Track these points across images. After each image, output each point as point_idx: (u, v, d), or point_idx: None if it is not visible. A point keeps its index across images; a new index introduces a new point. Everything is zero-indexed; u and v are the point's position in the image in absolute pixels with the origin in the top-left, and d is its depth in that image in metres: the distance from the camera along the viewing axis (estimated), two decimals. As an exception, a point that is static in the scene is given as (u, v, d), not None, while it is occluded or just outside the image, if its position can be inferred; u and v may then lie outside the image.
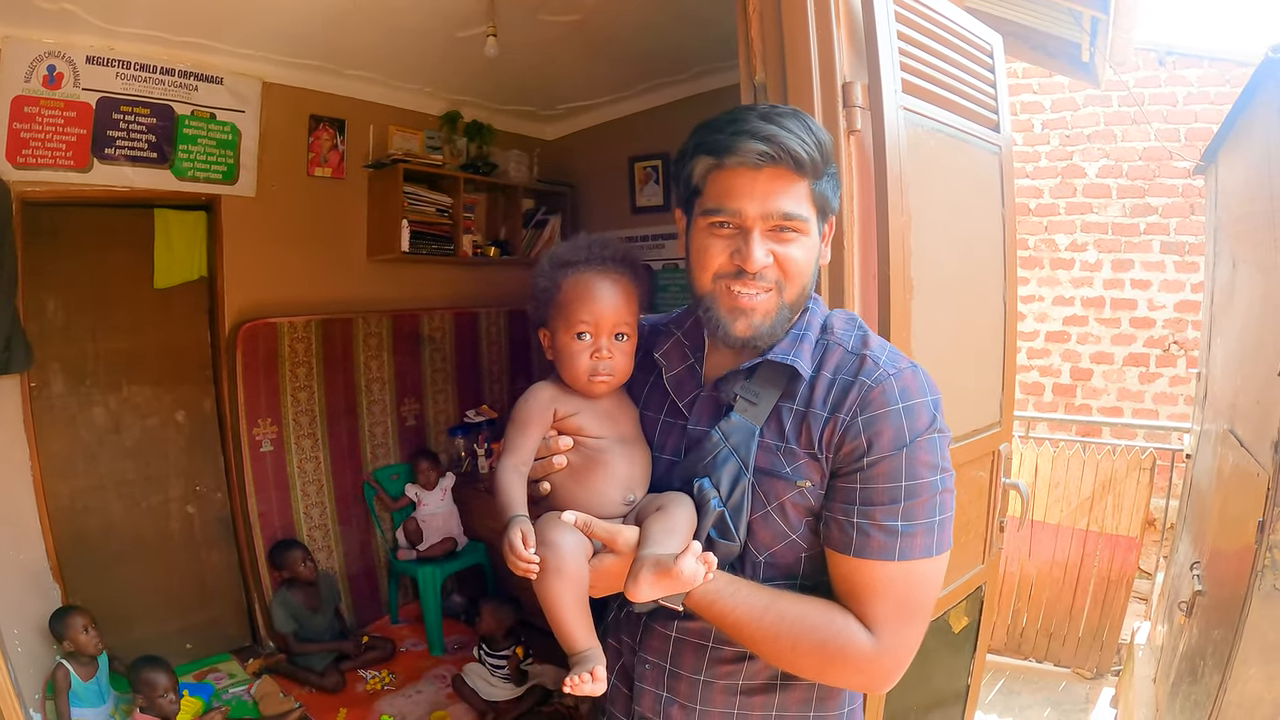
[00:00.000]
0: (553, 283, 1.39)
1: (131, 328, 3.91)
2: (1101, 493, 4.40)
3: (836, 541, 1.23)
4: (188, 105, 3.78)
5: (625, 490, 1.33)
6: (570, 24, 3.63)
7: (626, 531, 1.24)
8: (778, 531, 1.27)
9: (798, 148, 1.19)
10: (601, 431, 1.36)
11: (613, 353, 1.36)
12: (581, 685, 1.15)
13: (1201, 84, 5.66)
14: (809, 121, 1.23)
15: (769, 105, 1.28)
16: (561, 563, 1.19)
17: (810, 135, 1.21)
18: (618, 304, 1.36)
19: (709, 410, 1.36)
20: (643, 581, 1.14)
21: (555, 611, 1.19)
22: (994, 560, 2.42)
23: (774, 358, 1.29)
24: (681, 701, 1.36)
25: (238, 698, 3.67)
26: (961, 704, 2.54)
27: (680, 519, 1.24)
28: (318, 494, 4.35)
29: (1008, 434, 2.36)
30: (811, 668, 1.24)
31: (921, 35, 1.97)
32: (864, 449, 1.20)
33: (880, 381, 1.22)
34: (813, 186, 1.24)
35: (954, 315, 2.11)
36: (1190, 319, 5.65)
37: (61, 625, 3.20)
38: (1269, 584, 2.26)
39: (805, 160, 1.20)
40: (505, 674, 3.68)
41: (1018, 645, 4.61)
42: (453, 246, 4.75)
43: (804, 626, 1.21)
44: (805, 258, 1.26)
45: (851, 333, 1.32)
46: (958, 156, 2.13)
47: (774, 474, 1.26)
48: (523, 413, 1.36)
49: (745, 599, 1.22)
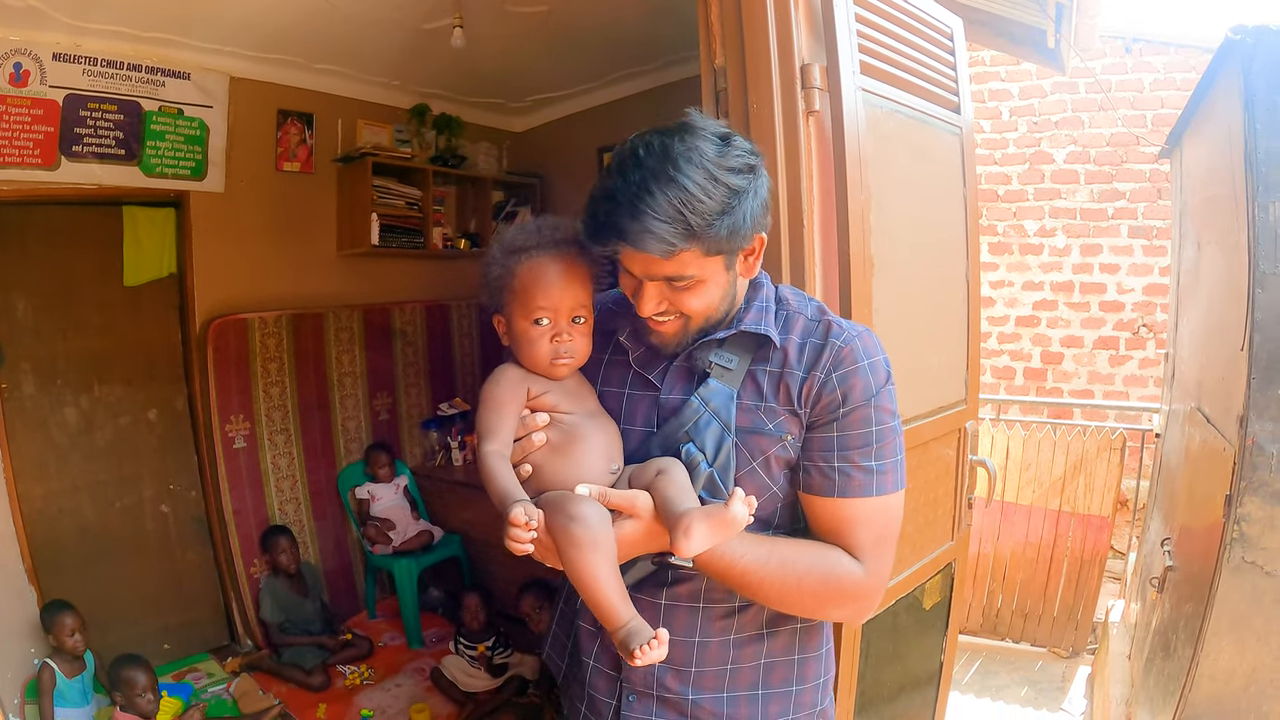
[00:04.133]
0: (506, 269, 1.40)
1: (102, 327, 3.88)
2: (1073, 473, 4.45)
3: (819, 486, 1.35)
4: (155, 101, 3.75)
5: (608, 460, 1.35)
6: (538, 15, 3.63)
7: (643, 496, 1.27)
8: (761, 485, 1.36)
9: (655, 248, 1.20)
10: (573, 407, 1.38)
11: (572, 335, 1.37)
12: (649, 654, 1.15)
13: (1168, 70, 5.72)
14: (683, 194, 1.19)
15: (640, 181, 1.21)
16: (594, 535, 1.19)
17: (679, 217, 1.20)
18: (574, 287, 1.37)
19: (682, 379, 1.42)
20: (695, 533, 1.16)
21: (594, 586, 1.19)
22: (963, 537, 2.44)
23: (746, 328, 1.37)
24: (676, 667, 1.42)
25: (216, 696, 3.65)
26: (935, 684, 2.57)
27: (684, 479, 1.28)
28: (292, 490, 4.34)
29: (973, 412, 2.39)
30: (814, 604, 1.37)
31: (880, 18, 1.99)
32: (839, 401, 1.33)
33: (849, 342, 1.35)
34: (701, 248, 1.24)
35: (916, 293, 2.14)
36: (1159, 302, 5.71)
37: (50, 621, 3.19)
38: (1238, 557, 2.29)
39: (664, 253, 1.21)
40: (482, 665, 3.69)
41: (994, 626, 4.65)
42: (423, 239, 4.75)
43: (805, 565, 1.32)
44: (703, 301, 1.32)
45: (807, 304, 1.44)
46: (918, 137, 2.15)
47: (757, 431, 1.36)
48: (495, 395, 1.36)
49: (749, 549, 1.29)
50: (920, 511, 2.18)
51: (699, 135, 1.24)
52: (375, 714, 3.60)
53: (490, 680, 3.66)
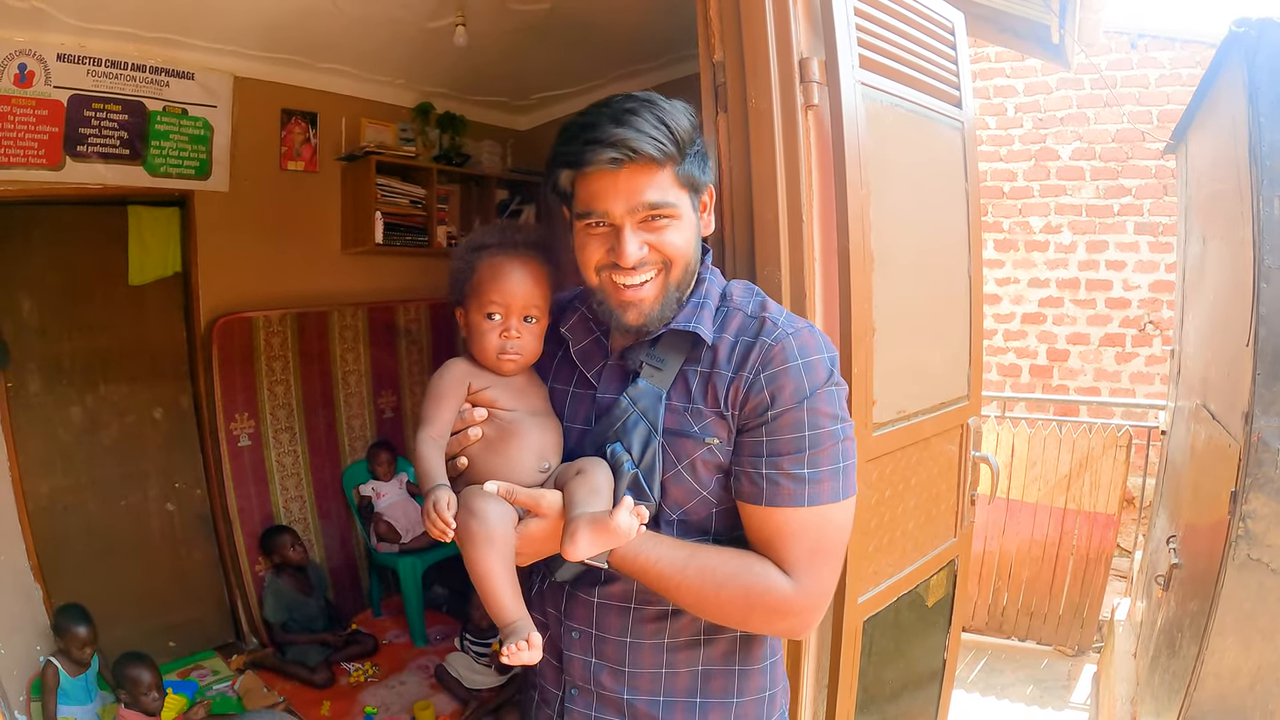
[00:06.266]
0: (468, 265, 1.46)
1: (107, 325, 3.90)
2: (1079, 471, 4.44)
3: (748, 493, 1.31)
4: (159, 101, 3.75)
5: (539, 458, 1.37)
6: (540, 13, 3.62)
7: (550, 495, 1.29)
8: (689, 489, 1.34)
9: (648, 146, 1.24)
10: (513, 404, 1.41)
11: (521, 333, 1.42)
12: (518, 654, 1.18)
13: (1174, 66, 5.71)
14: (661, 110, 1.28)
15: (622, 100, 1.30)
16: (490, 531, 1.23)
17: (661, 126, 1.26)
18: (527, 287, 1.42)
19: (617, 378, 1.43)
20: (580, 539, 1.18)
21: (486, 582, 1.23)
22: (966, 534, 2.44)
23: (676, 326, 1.36)
24: (611, 665, 1.42)
25: (221, 693, 3.66)
26: (938, 681, 2.56)
27: (601, 480, 1.29)
28: (296, 488, 4.35)
29: (976, 408, 2.38)
30: (736, 615, 1.32)
31: (880, 12, 1.99)
32: (767, 403, 1.28)
33: (780, 340, 1.30)
34: (676, 171, 1.30)
35: (918, 289, 2.13)
36: (1165, 298, 5.70)
37: (64, 629, 3.19)
38: (1243, 554, 2.29)
39: (659, 154, 1.26)
40: (486, 661, 3.69)
41: (999, 624, 4.65)
42: (427, 238, 4.74)
43: (725, 573, 1.28)
44: (683, 239, 1.33)
45: (750, 299, 1.41)
46: (919, 131, 2.15)
47: (683, 434, 1.34)
48: (438, 387, 1.40)
49: (667, 553, 1.28)
50: (922, 508, 2.17)
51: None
52: (379, 711, 3.61)
53: (496, 677, 3.66)
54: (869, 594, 2.00)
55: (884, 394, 1.92)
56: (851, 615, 1.94)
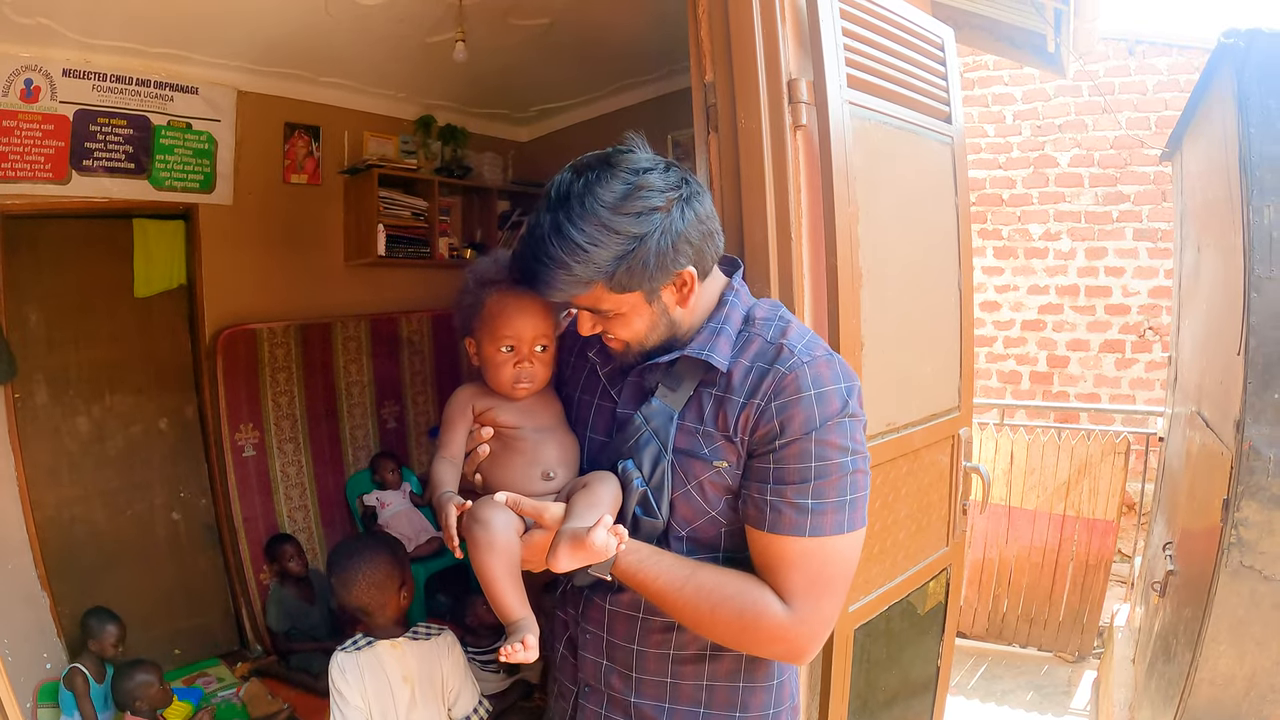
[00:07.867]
0: (477, 299, 1.51)
1: (113, 337, 3.93)
2: (1078, 478, 4.45)
3: (753, 518, 1.32)
4: (164, 116, 3.80)
5: (542, 470, 1.43)
6: (540, 27, 3.66)
7: (553, 507, 1.34)
8: (698, 508, 1.37)
9: (561, 286, 1.28)
10: (518, 422, 1.49)
11: (534, 363, 1.49)
12: (515, 653, 1.23)
13: (1171, 72, 5.71)
14: (573, 236, 1.23)
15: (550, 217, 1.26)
16: (494, 538, 1.30)
17: (573, 258, 1.24)
18: (537, 319, 1.47)
19: (635, 395, 1.46)
20: (560, 553, 1.24)
21: (490, 584, 1.29)
22: (958, 543, 2.46)
23: (690, 353, 1.36)
24: (620, 669, 1.47)
25: (226, 701, 3.68)
26: (932, 689, 2.57)
27: (602, 495, 1.33)
28: (300, 497, 4.38)
29: (967, 419, 2.41)
30: (730, 635, 1.34)
31: (868, 31, 2.01)
32: (777, 432, 1.29)
33: (794, 369, 1.29)
34: (608, 286, 1.29)
35: (906, 303, 2.15)
36: (1164, 305, 5.69)
37: (97, 630, 3.24)
38: (1235, 561, 2.31)
39: (570, 289, 1.29)
40: (494, 667, 3.70)
41: (999, 631, 4.65)
42: (429, 249, 4.77)
43: (721, 595, 1.30)
44: (637, 326, 1.37)
45: (772, 323, 1.39)
46: (908, 147, 2.17)
47: (693, 455, 1.36)
48: (448, 414, 1.52)
49: (667, 569, 1.32)
50: (913, 517, 2.19)
51: (610, 174, 1.26)
52: (383, 718, 3.62)
53: (499, 681, 3.67)
54: (860, 603, 2.02)
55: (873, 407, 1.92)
56: (842, 623, 1.96)
